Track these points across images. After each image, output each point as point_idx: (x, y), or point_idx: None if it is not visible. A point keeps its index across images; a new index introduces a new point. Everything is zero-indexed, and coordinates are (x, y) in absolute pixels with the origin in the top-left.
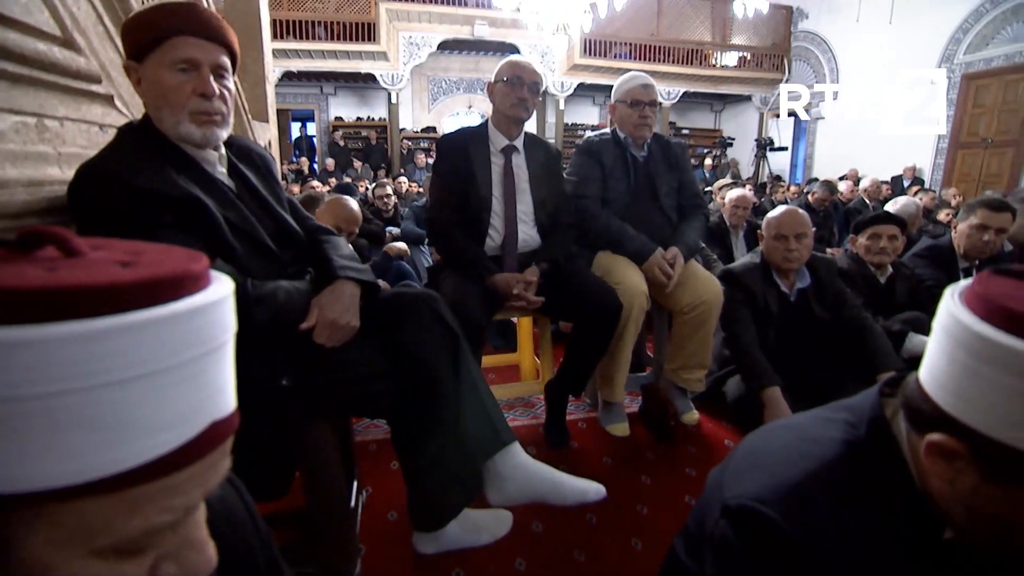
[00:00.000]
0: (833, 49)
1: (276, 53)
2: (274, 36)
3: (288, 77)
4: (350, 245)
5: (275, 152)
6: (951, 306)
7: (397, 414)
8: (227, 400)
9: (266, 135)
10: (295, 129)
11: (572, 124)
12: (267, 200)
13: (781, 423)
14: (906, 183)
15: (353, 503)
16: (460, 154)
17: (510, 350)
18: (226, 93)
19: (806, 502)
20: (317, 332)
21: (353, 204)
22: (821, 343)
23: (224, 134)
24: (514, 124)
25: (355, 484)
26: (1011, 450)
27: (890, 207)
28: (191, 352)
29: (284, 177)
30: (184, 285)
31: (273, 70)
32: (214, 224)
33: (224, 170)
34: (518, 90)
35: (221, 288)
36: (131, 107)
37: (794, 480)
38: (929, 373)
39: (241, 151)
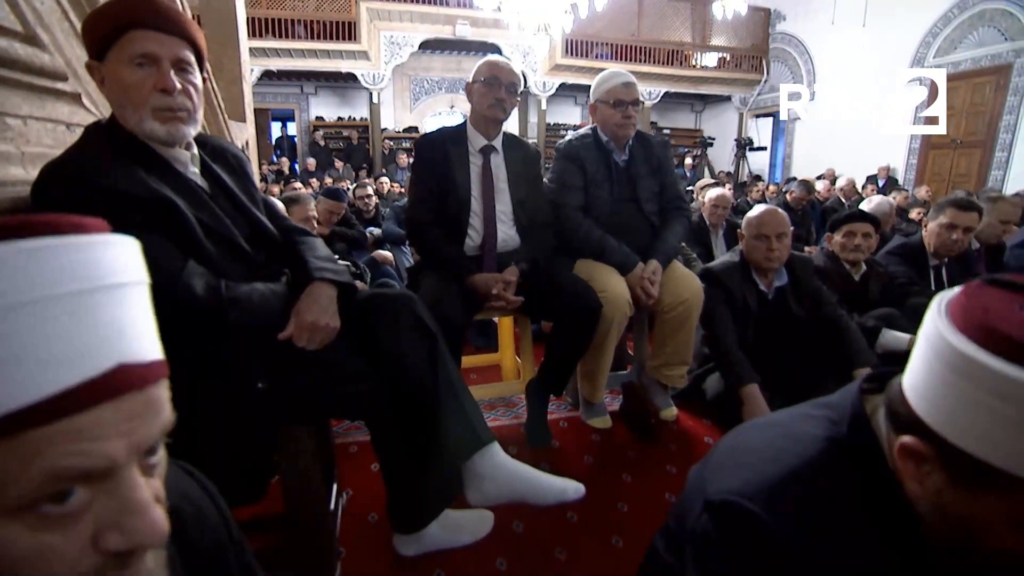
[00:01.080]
0: (810, 51)
1: (255, 52)
2: (252, 34)
3: (267, 76)
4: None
5: (253, 152)
6: (935, 316)
7: (376, 416)
8: (142, 346)
9: (243, 135)
10: (275, 129)
11: (554, 124)
12: (241, 201)
13: (764, 420)
14: (881, 182)
15: (333, 506)
16: (439, 154)
17: (492, 350)
18: (191, 88)
19: (789, 498)
20: (297, 336)
21: (280, 204)
22: (798, 340)
23: (192, 131)
24: (492, 124)
25: (335, 487)
26: (976, 460)
27: (865, 206)
28: (71, 286)
29: (264, 178)
30: (60, 227)
31: (251, 69)
32: (186, 225)
33: (197, 170)
34: (495, 90)
35: (110, 237)
36: (100, 106)
37: (777, 476)
38: (910, 378)
39: (214, 151)
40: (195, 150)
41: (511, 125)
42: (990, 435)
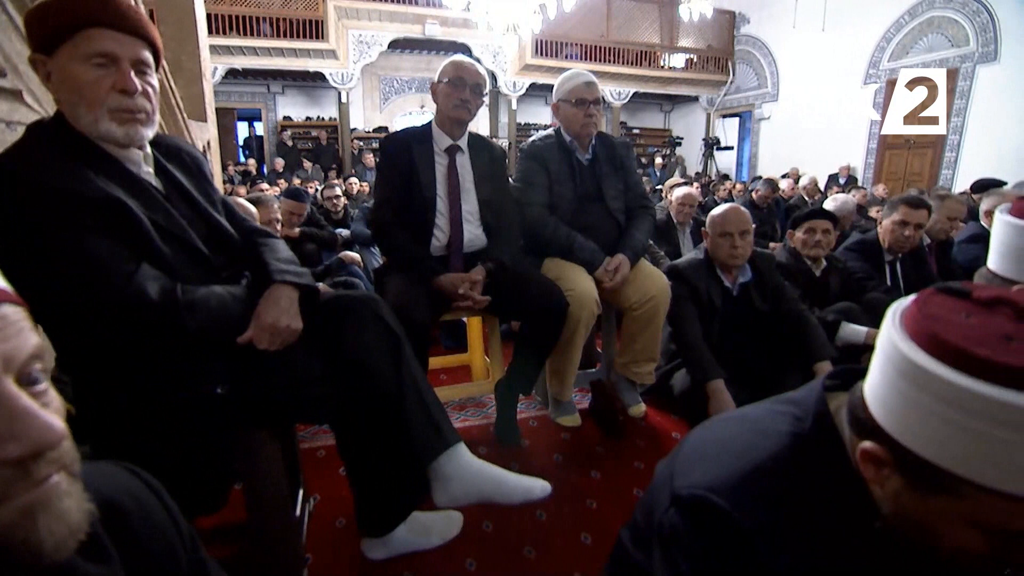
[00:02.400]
0: (773, 53)
1: (218, 49)
2: (215, 31)
3: (232, 75)
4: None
5: (216, 153)
6: (889, 325)
7: (340, 419)
8: None
9: (205, 135)
10: (242, 129)
11: (525, 124)
12: (198, 201)
13: (730, 415)
14: (842, 180)
15: (299, 512)
16: (404, 154)
17: (461, 351)
18: (149, 90)
19: (755, 492)
20: (257, 338)
21: (247, 206)
22: (762, 335)
23: (149, 132)
24: (457, 125)
25: (301, 492)
26: (930, 464)
27: (829, 204)
28: None
29: (231, 179)
30: None
31: (214, 67)
32: (138, 227)
33: (151, 170)
34: (460, 91)
35: None
36: (44, 103)
37: (744, 471)
38: (870, 385)
39: (169, 150)
40: (148, 150)
41: (481, 125)
42: (942, 441)
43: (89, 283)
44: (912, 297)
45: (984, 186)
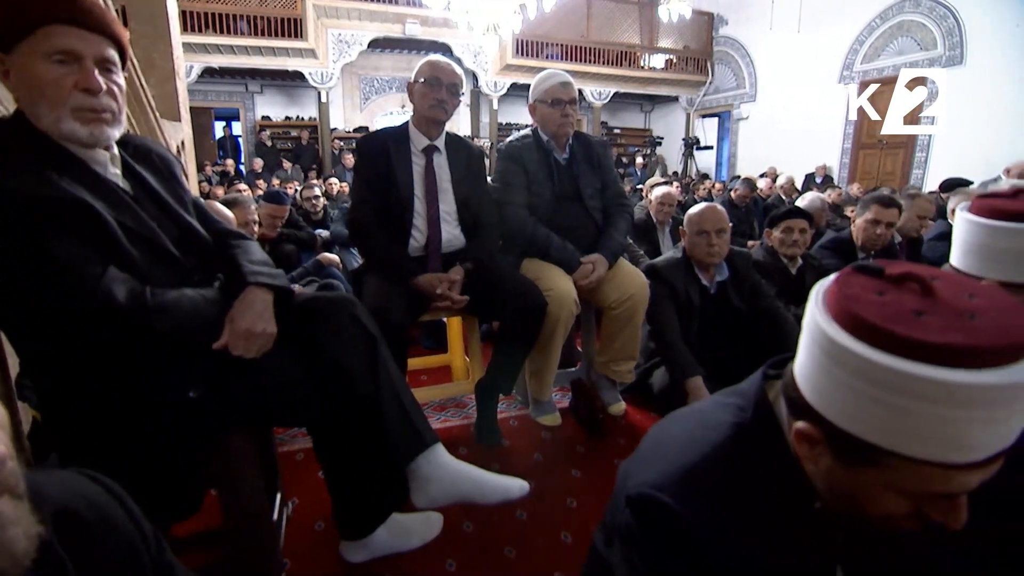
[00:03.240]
0: (751, 54)
1: (194, 48)
2: (190, 29)
3: (209, 73)
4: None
5: (190, 153)
6: (812, 305)
7: (317, 422)
8: None
9: (178, 135)
10: (219, 128)
11: (507, 124)
12: (168, 203)
13: (683, 411)
14: (818, 180)
15: (276, 516)
16: (381, 154)
17: (442, 351)
18: (115, 89)
19: (699, 485)
20: (232, 344)
21: (221, 207)
22: (739, 333)
23: (115, 133)
24: (434, 125)
25: (278, 496)
26: (855, 439)
27: (799, 202)
28: None
29: (208, 179)
30: None
31: (189, 66)
32: (105, 229)
33: (118, 171)
34: (436, 91)
35: None
36: (4, 101)
37: (688, 465)
38: (799, 365)
39: (138, 151)
40: (115, 150)
41: (463, 125)
42: (865, 415)
43: (55, 287)
44: (833, 276)
45: (951, 185)
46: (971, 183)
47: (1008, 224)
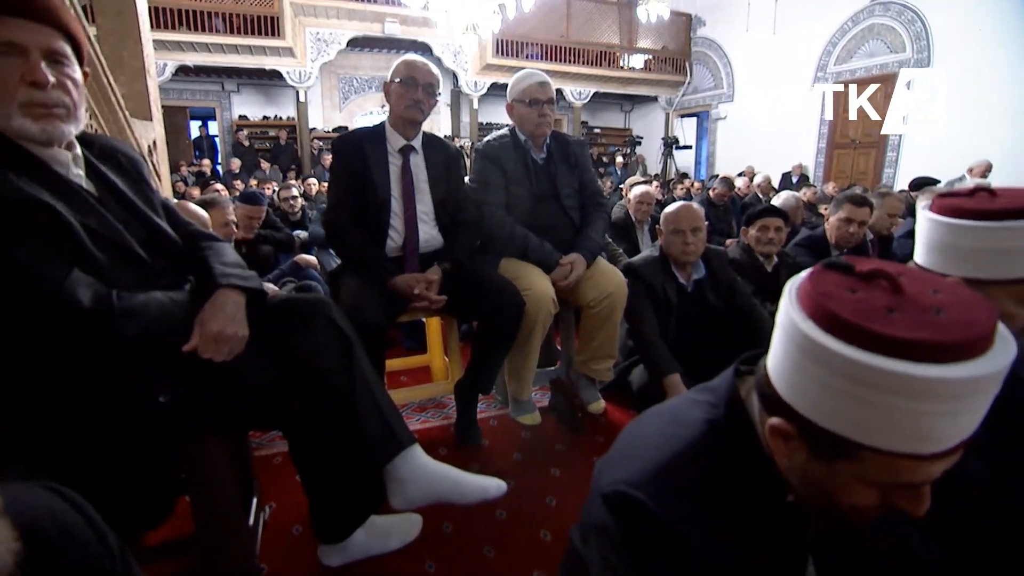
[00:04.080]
0: (728, 55)
1: (167, 45)
2: (163, 26)
3: (183, 72)
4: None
5: (163, 153)
6: (786, 302)
7: (292, 425)
8: None
9: (150, 134)
10: (195, 128)
11: (487, 123)
12: (135, 204)
13: (655, 408)
14: (795, 179)
15: (252, 521)
16: (356, 155)
17: (422, 352)
18: (68, 83)
19: (673, 482)
20: (202, 347)
21: (196, 208)
22: (716, 330)
23: (72, 129)
24: (410, 125)
25: (254, 501)
26: (830, 434)
27: (775, 201)
28: None
29: (184, 179)
30: None
31: (162, 64)
32: (69, 231)
33: (81, 172)
34: (412, 91)
35: None
36: None
37: (661, 462)
38: (772, 361)
39: (104, 151)
40: (78, 150)
41: (443, 125)
42: (838, 410)
43: (16, 291)
44: (806, 273)
45: (920, 184)
46: (939, 182)
47: (966, 222)
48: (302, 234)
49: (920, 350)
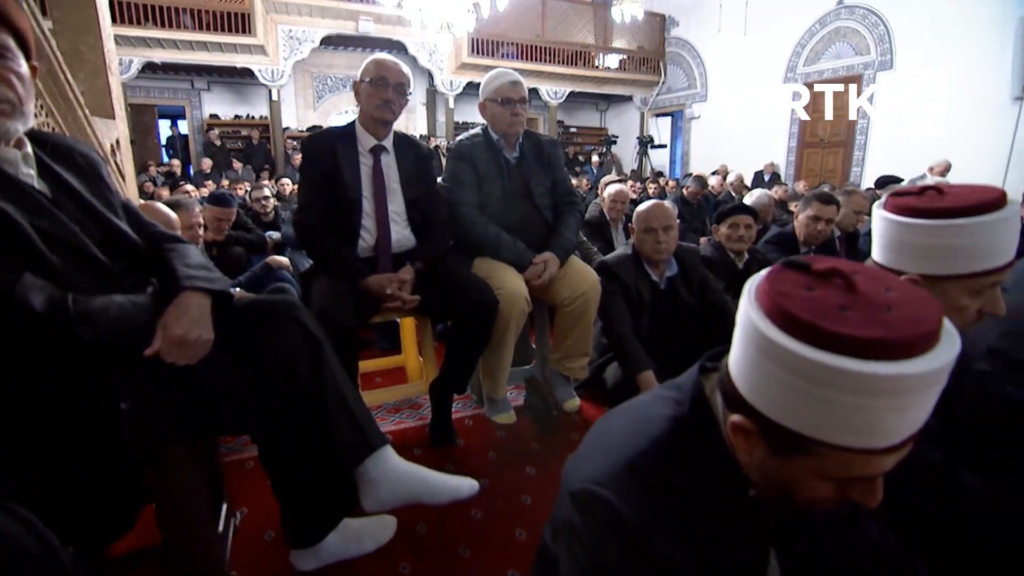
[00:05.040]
0: (701, 55)
1: (132, 41)
2: (127, 20)
3: (150, 69)
4: (202, 253)
5: (127, 152)
6: (745, 301)
7: (261, 428)
8: None
9: (112, 133)
10: (165, 127)
11: (463, 123)
12: (93, 205)
13: (623, 406)
14: (767, 177)
15: (222, 528)
16: (327, 155)
17: (397, 352)
18: (11, 77)
19: (638, 479)
20: (165, 351)
21: (164, 209)
22: (689, 326)
23: (17, 125)
24: (380, 125)
25: (224, 507)
26: (787, 431)
27: (747, 199)
28: None
29: (153, 180)
30: None
31: (128, 60)
32: (19, 233)
33: (32, 172)
34: (382, 91)
35: None
36: None
37: (627, 459)
38: (733, 360)
39: (57, 150)
40: (28, 148)
41: (419, 124)
42: (795, 408)
43: None
44: (764, 272)
45: (884, 182)
46: (902, 180)
47: (916, 221)
48: (275, 235)
49: (872, 348)
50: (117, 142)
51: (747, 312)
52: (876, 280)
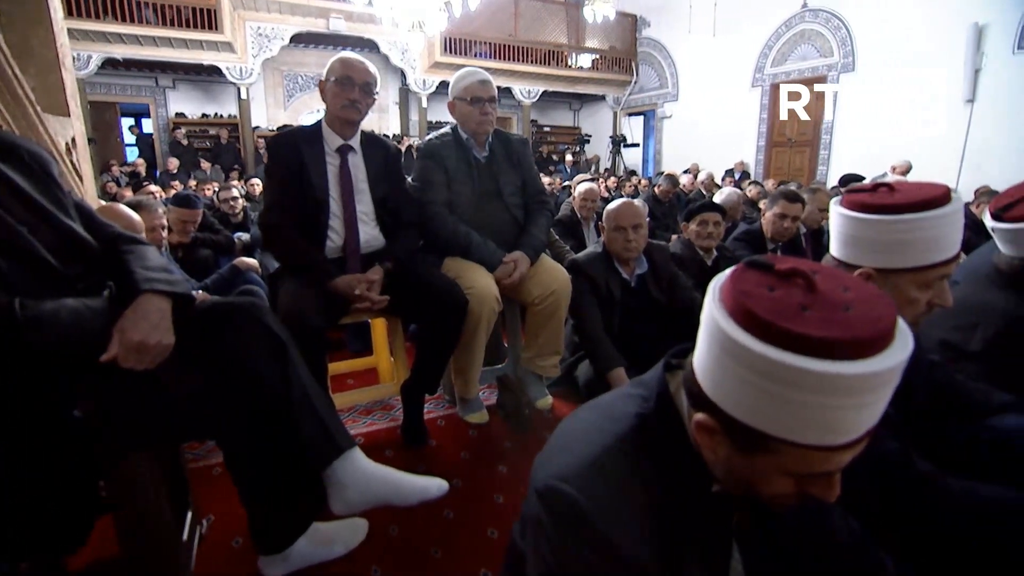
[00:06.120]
0: (672, 55)
1: (91, 35)
2: (84, 14)
3: (111, 65)
4: (161, 254)
5: (83, 150)
6: (709, 300)
7: (225, 433)
8: None
9: (67, 131)
10: (127, 125)
11: (437, 122)
12: (42, 206)
13: (590, 403)
14: (737, 175)
15: (187, 535)
16: (292, 155)
17: (369, 354)
18: None
19: (603, 476)
20: (122, 356)
21: (126, 211)
22: (660, 323)
23: None
24: (347, 125)
25: (189, 514)
26: (750, 429)
27: (717, 197)
28: None
29: (116, 180)
30: None
31: (86, 55)
32: None
33: None
34: (349, 91)
35: None
36: None
37: (591, 456)
38: (697, 358)
39: (2, 149)
40: None
41: (392, 123)
42: (757, 406)
43: None
44: (728, 271)
45: (847, 180)
46: (864, 178)
47: (869, 216)
48: (244, 236)
49: (831, 348)
50: (73, 140)
51: (711, 311)
52: (834, 279)
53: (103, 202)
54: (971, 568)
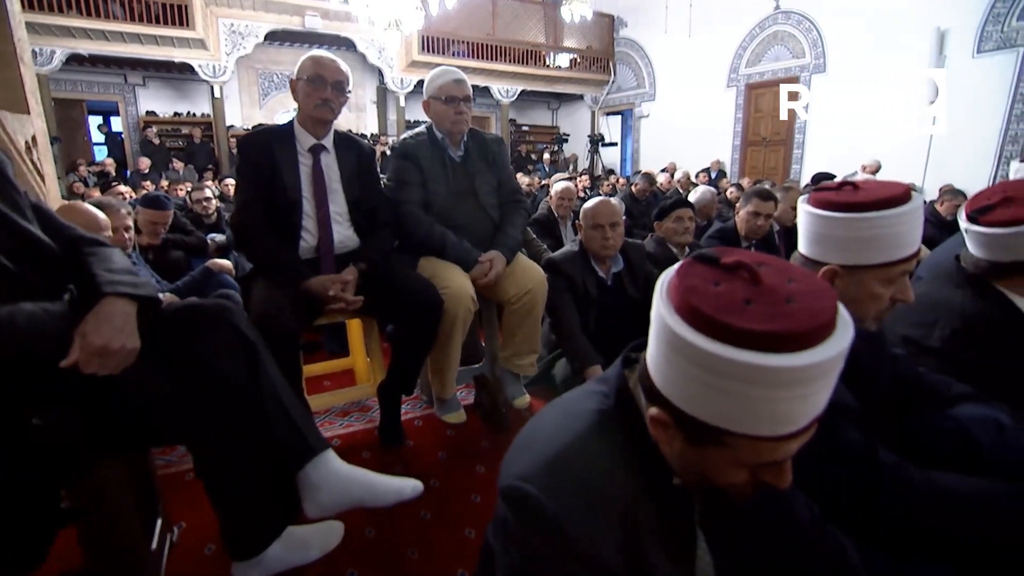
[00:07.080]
0: (649, 55)
1: (55, 30)
2: (48, 8)
3: (77, 61)
4: (125, 256)
5: (46, 150)
6: (657, 296)
7: (195, 438)
8: None
9: (27, 129)
10: (95, 124)
11: (415, 121)
12: None
13: (554, 401)
14: (713, 174)
15: (156, 544)
16: (264, 155)
17: (346, 355)
18: None
19: (564, 474)
20: (84, 362)
21: (88, 208)
22: (635, 321)
23: None
24: (320, 124)
25: (159, 522)
26: (700, 423)
27: (692, 196)
28: None
29: (83, 180)
30: None
31: (50, 51)
32: None
33: None
34: (321, 90)
35: None
36: None
37: (553, 454)
38: (649, 355)
39: None
40: None
41: (370, 122)
42: (705, 400)
43: None
44: (676, 267)
45: (819, 179)
46: (835, 177)
47: (834, 214)
48: (218, 237)
49: (773, 341)
50: (33, 139)
51: (658, 308)
52: (780, 272)
53: (64, 202)
54: (930, 552)
